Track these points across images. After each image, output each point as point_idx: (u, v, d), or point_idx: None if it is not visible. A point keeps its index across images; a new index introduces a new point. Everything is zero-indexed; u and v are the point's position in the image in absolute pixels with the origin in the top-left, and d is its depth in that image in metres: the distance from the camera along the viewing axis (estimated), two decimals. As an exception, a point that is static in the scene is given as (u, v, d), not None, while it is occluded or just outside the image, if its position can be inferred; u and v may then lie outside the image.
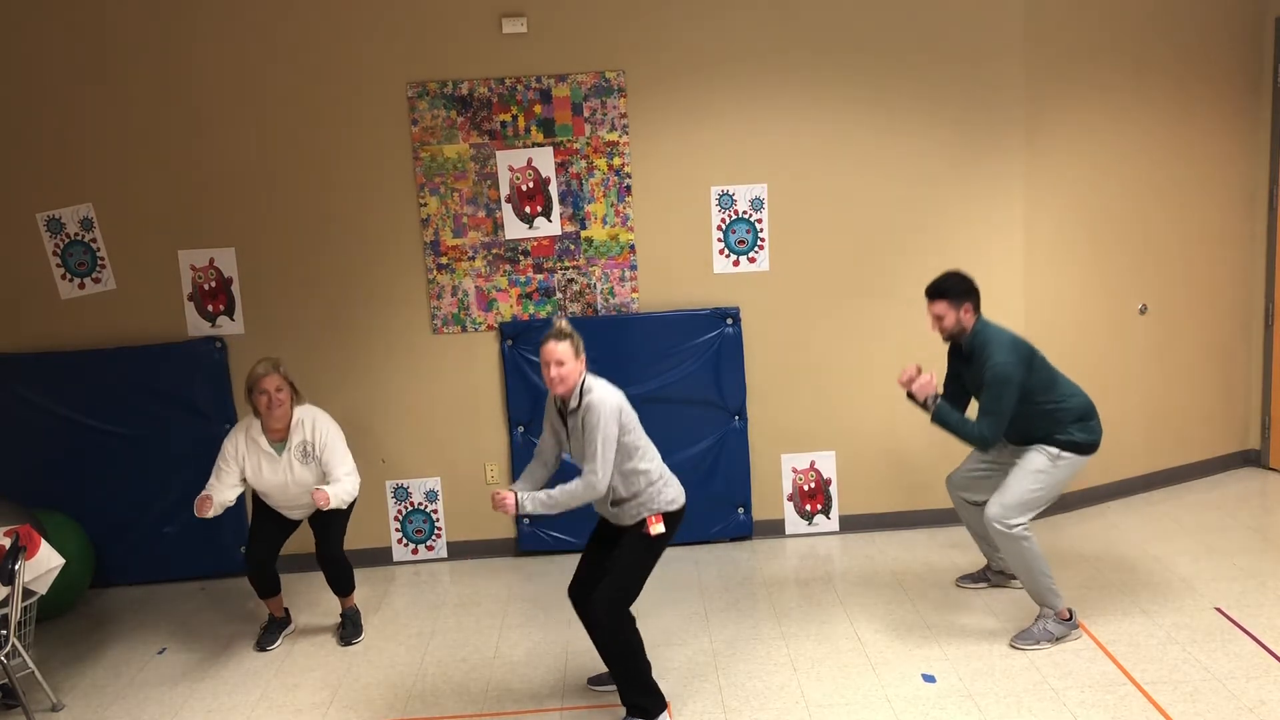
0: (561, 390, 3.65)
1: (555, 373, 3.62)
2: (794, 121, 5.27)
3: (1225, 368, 6.07)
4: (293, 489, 4.50)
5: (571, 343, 3.64)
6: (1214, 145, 5.78)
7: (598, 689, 4.09)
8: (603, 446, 3.60)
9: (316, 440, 4.47)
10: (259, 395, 4.39)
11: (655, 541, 3.74)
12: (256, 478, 4.48)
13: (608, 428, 3.60)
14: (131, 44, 5.11)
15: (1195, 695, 3.77)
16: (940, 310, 4.20)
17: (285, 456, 4.46)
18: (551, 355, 3.62)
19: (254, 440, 4.47)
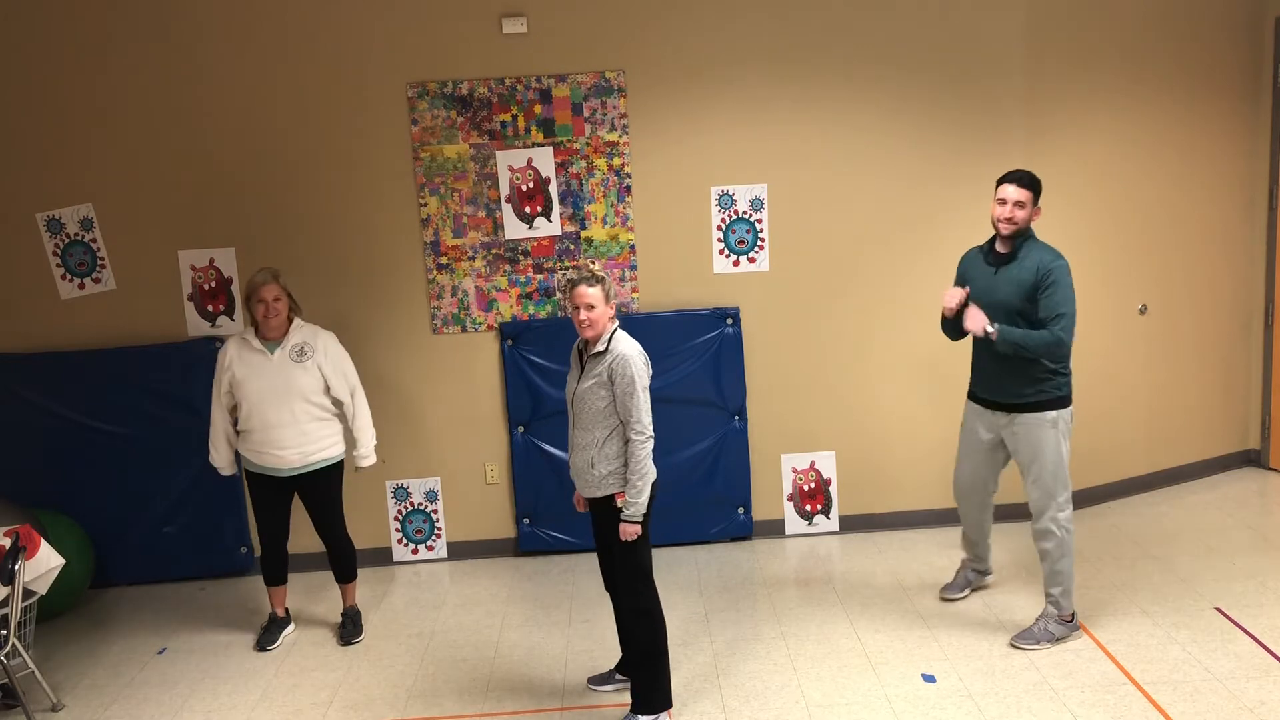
0: (590, 334, 3.65)
1: (585, 316, 3.61)
2: (794, 122, 5.27)
3: (1225, 368, 6.07)
4: (284, 395, 4.37)
5: (603, 288, 3.63)
6: (1214, 145, 5.78)
7: (598, 689, 4.09)
8: (643, 398, 3.63)
9: (318, 346, 4.46)
10: (257, 303, 4.37)
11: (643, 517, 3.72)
12: (245, 381, 4.37)
13: (640, 379, 3.63)
14: (132, 44, 5.11)
15: (1195, 695, 3.77)
16: (1024, 198, 4.04)
17: (278, 354, 4.41)
18: (582, 299, 3.60)
19: (245, 341, 4.44)
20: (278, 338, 4.45)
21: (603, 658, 4.35)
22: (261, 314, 4.38)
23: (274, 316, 4.39)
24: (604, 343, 3.66)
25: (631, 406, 3.61)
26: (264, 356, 4.41)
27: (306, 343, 4.47)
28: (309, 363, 4.44)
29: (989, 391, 4.26)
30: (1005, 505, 5.50)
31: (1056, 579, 4.22)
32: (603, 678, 4.11)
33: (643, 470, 3.63)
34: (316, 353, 4.46)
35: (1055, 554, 4.18)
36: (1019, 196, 4.05)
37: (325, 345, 4.52)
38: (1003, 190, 4.09)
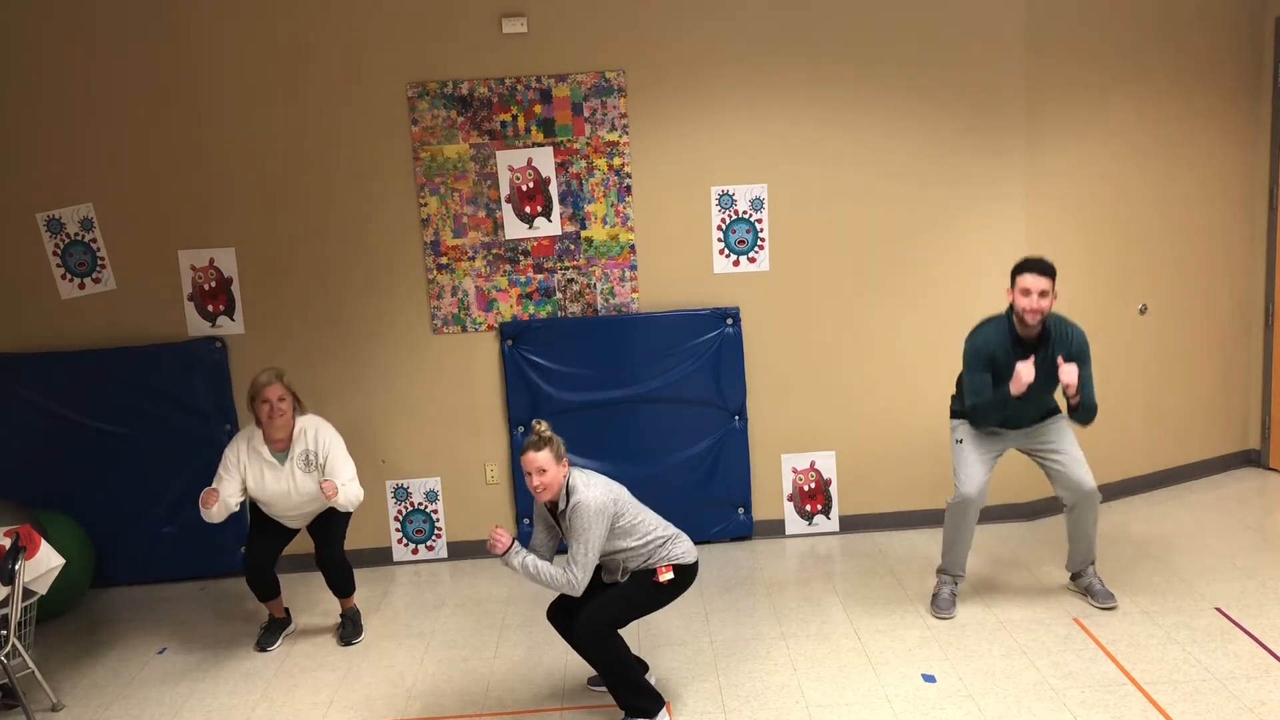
0: (546, 498, 3.67)
1: (537, 481, 3.61)
2: (794, 121, 5.27)
3: (1225, 368, 6.07)
4: (295, 498, 4.49)
5: (551, 448, 3.61)
6: (1214, 145, 5.78)
7: (598, 689, 4.09)
8: (584, 550, 3.60)
9: (319, 449, 4.47)
10: (261, 404, 4.39)
11: (662, 588, 3.75)
12: (259, 487, 4.46)
13: (591, 530, 3.60)
14: (132, 44, 5.11)
15: (1195, 695, 3.77)
16: (1047, 286, 4.10)
17: (288, 466, 4.45)
18: (532, 464, 3.60)
19: (256, 450, 4.46)
20: (284, 442, 4.46)
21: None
22: (266, 414, 4.38)
23: (279, 417, 4.39)
24: (564, 500, 3.66)
25: (578, 549, 3.61)
26: (274, 468, 4.45)
27: (309, 450, 4.46)
28: (315, 472, 4.47)
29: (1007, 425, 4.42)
30: (1005, 505, 5.51)
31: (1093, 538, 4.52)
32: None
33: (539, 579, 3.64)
34: (320, 456, 4.47)
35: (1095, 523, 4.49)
36: (1043, 285, 4.10)
37: (325, 446, 4.48)
38: (1024, 280, 4.13)
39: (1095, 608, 4.49)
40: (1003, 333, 4.27)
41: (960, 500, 4.45)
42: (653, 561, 3.74)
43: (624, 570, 3.80)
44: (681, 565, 3.78)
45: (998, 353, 4.28)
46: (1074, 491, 4.40)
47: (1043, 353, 4.23)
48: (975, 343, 4.33)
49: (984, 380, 4.29)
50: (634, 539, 3.71)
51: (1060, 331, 4.26)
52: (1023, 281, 4.12)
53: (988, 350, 4.29)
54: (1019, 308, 4.16)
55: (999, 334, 4.28)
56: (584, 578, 3.63)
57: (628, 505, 3.73)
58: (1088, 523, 4.46)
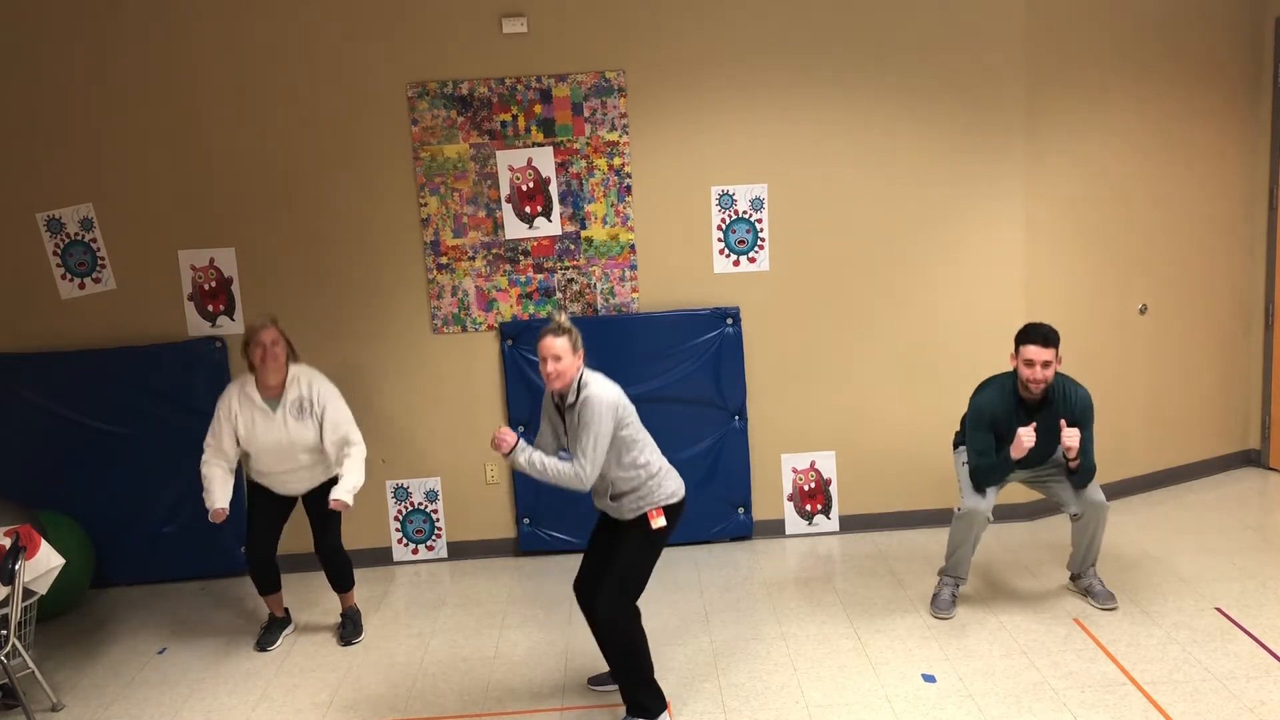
0: (558, 385, 3.64)
1: (552, 368, 3.59)
2: (794, 121, 5.27)
3: (1225, 368, 6.07)
4: (286, 446, 4.41)
5: (569, 338, 3.61)
6: (1214, 145, 5.78)
7: (598, 689, 4.09)
8: (594, 443, 3.58)
9: (314, 398, 4.43)
10: (255, 348, 4.36)
11: (656, 535, 3.73)
12: (250, 436, 4.39)
13: (601, 424, 3.58)
14: (132, 43, 5.11)
15: (1195, 695, 3.77)
16: (1049, 358, 4.18)
17: (280, 413, 4.40)
18: (549, 350, 3.59)
19: (248, 396, 4.41)
20: (276, 389, 4.43)
21: (602, 658, 4.34)
22: (259, 358, 4.36)
23: (272, 360, 4.37)
24: (574, 393, 3.64)
25: (577, 445, 3.59)
26: (266, 415, 4.41)
27: (303, 397, 4.43)
28: (308, 419, 4.43)
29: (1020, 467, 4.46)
30: (1005, 505, 5.51)
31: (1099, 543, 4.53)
32: (603, 678, 4.11)
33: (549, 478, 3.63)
34: (314, 406, 4.44)
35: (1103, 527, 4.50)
36: (1046, 357, 4.17)
37: (321, 396, 4.46)
38: (1027, 351, 4.20)
39: (1095, 608, 4.49)
40: (1006, 395, 4.33)
41: (968, 513, 4.44)
42: (644, 495, 3.70)
43: (614, 493, 3.73)
44: (671, 506, 3.75)
45: (1000, 414, 4.33)
46: (1083, 505, 4.42)
47: (1046, 414, 4.30)
48: (978, 404, 4.38)
49: (987, 441, 4.35)
50: (631, 454, 3.66)
51: (1064, 394, 4.31)
52: (1026, 353, 4.20)
53: (990, 411, 4.34)
54: (1023, 376, 4.24)
55: (1002, 396, 4.34)
56: (592, 471, 3.59)
57: (633, 417, 3.70)
58: (1094, 531, 4.47)
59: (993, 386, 4.40)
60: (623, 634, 3.69)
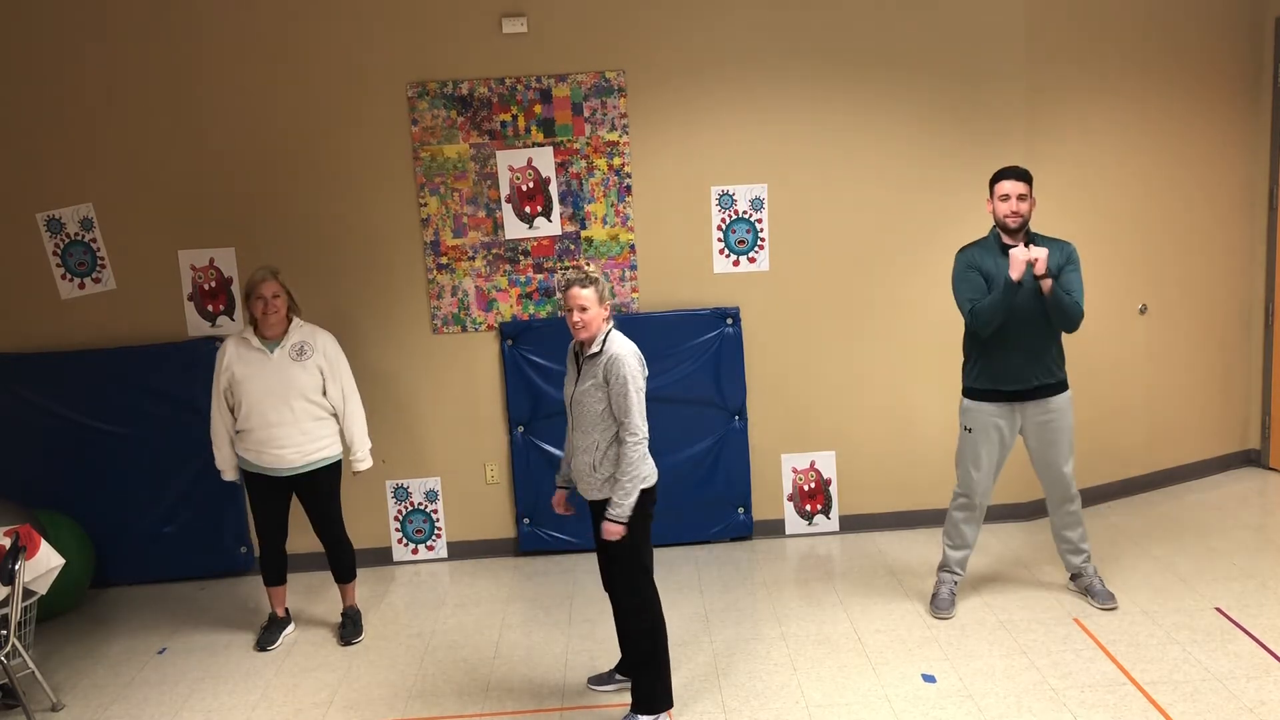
0: (585, 335, 3.62)
1: (578, 318, 3.58)
2: (794, 121, 5.27)
3: (1225, 368, 6.07)
4: (283, 393, 4.36)
5: (596, 288, 3.59)
6: (1214, 145, 5.78)
7: (598, 689, 4.09)
8: (636, 399, 3.58)
9: (318, 346, 4.45)
10: (255, 300, 4.36)
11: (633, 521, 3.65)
12: (245, 375, 4.36)
13: (635, 380, 3.58)
14: (132, 44, 5.11)
15: (1195, 695, 3.77)
16: (1024, 191, 4.16)
17: (278, 354, 4.40)
18: (575, 300, 3.58)
19: (244, 340, 4.42)
20: (277, 336, 4.44)
21: (603, 658, 4.34)
22: (260, 310, 4.37)
23: (272, 314, 4.38)
24: (599, 344, 3.63)
25: (626, 406, 3.57)
26: (263, 355, 4.40)
27: (306, 342, 4.46)
28: (308, 362, 4.43)
29: (1016, 381, 4.32)
30: (1005, 505, 5.51)
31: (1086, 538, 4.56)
32: (603, 678, 4.11)
33: (633, 472, 3.60)
34: (316, 353, 4.46)
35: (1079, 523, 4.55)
36: (1020, 189, 4.18)
37: (324, 345, 4.51)
38: (1002, 187, 4.21)
39: (1096, 608, 4.49)
40: (989, 245, 4.31)
41: (963, 497, 4.46)
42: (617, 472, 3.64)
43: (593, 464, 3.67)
44: (645, 490, 3.68)
45: (987, 263, 4.27)
46: (1052, 484, 4.43)
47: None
48: (964, 256, 4.36)
49: (977, 283, 4.26)
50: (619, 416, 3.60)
51: (1050, 241, 4.29)
52: (1000, 188, 4.20)
53: (977, 261, 4.30)
54: (999, 214, 4.22)
55: (985, 247, 4.32)
56: (643, 425, 3.60)
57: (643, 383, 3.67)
58: (1066, 521, 4.50)
59: (974, 244, 4.36)
60: (645, 622, 3.69)
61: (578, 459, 3.76)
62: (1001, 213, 4.21)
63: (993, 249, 4.28)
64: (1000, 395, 4.35)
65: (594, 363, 3.63)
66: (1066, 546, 4.58)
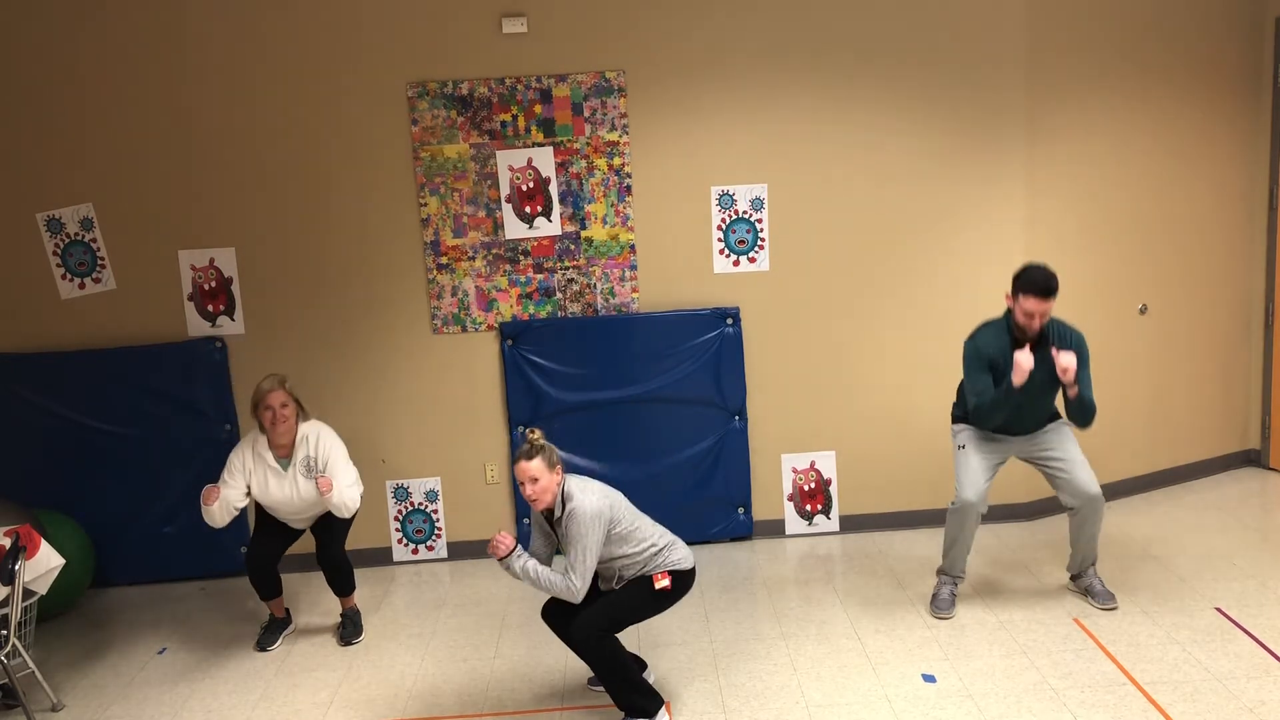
0: (540, 507, 3.67)
1: (530, 490, 3.61)
2: (794, 121, 5.27)
3: (1225, 368, 6.07)
4: (298, 504, 4.51)
5: (544, 457, 3.62)
6: (1214, 145, 5.78)
7: (598, 689, 4.09)
8: (583, 556, 3.60)
9: (320, 455, 4.49)
10: (264, 411, 4.40)
11: (659, 595, 3.73)
12: (263, 493, 4.49)
13: (589, 536, 3.60)
14: (132, 44, 5.11)
15: (1195, 695, 3.77)
16: (1049, 309, 4.17)
17: (290, 472, 4.48)
18: (525, 474, 3.60)
19: (260, 456, 4.48)
20: (287, 448, 4.48)
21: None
22: (269, 421, 4.40)
23: (281, 423, 4.41)
24: (559, 508, 3.67)
25: (575, 556, 3.60)
26: (278, 474, 4.47)
27: (310, 456, 4.48)
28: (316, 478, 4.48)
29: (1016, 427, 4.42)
30: (1005, 506, 5.51)
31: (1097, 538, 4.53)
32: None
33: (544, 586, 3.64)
34: (320, 462, 4.49)
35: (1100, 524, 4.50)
36: (1045, 309, 4.16)
37: (326, 451, 4.50)
38: (1027, 304, 4.16)
39: (1096, 608, 4.49)
40: (1001, 335, 4.31)
41: (961, 505, 4.45)
42: (649, 569, 3.73)
43: (619, 578, 3.78)
44: (679, 571, 3.77)
45: (996, 354, 4.30)
46: (1078, 496, 4.41)
47: (1041, 352, 4.25)
48: (974, 343, 4.36)
49: (985, 380, 4.31)
50: (630, 546, 3.70)
51: (1059, 333, 4.30)
52: (1026, 304, 4.17)
53: (987, 352, 4.32)
54: (1018, 320, 4.23)
55: (997, 336, 4.32)
56: (583, 585, 3.62)
57: (624, 512, 3.72)
58: (1092, 526, 4.46)
59: (988, 328, 4.38)
60: (597, 651, 3.69)
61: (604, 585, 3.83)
62: (1020, 321, 4.22)
63: (1004, 336, 4.31)
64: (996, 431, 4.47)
65: (563, 524, 3.67)
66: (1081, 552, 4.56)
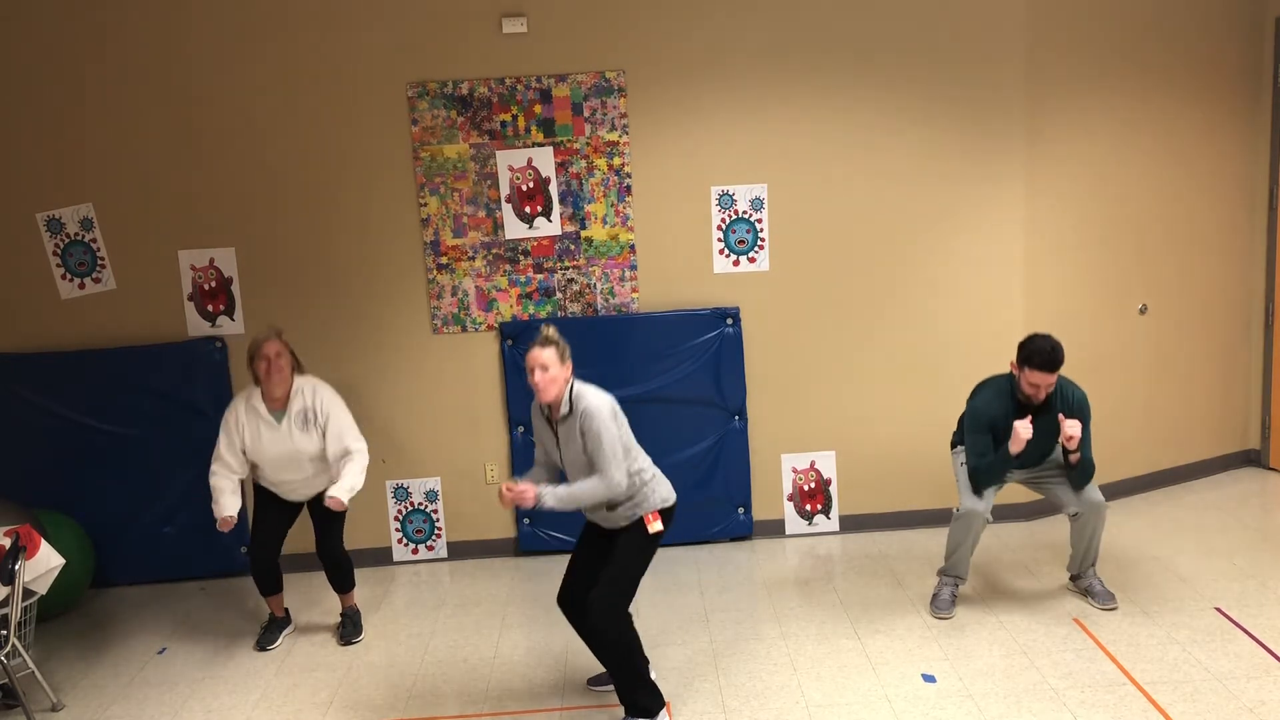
0: (545, 398, 3.63)
1: (540, 378, 3.59)
2: (794, 121, 5.27)
3: (1225, 368, 6.07)
4: (293, 459, 4.45)
5: (557, 349, 3.60)
6: (1214, 145, 5.78)
7: (598, 689, 4.09)
8: (611, 448, 3.59)
9: (318, 407, 4.46)
10: (260, 361, 4.39)
11: (652, 540, 3.74)
12: (256, 447, 4.44)
13: (609, 428, 3.59)
14: (132, 44, 5.11)
15: (1195, 695, 3.78)
16: (1053, 382, 4.23)
17: (285, 424, 4.43)
18: (535, 360, 3.59)
19: (254, 409, 4.45)
20: (281, 400, 4.45)
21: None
22: (264, 370, 4.38)
23: (276, 374, 4.39)
24: (566, 404, 3.64)
25: (602, 460, 3.59)
26: (272, 426, 4.44)
27: (308, 408, 4.46)
28: (313, 430, 4.45)
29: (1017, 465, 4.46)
30: (1005, 506, 5.51)
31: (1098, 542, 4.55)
32: (601, 678, 4.11)
33: (582, 500, 3.61)
34: (318, 417, 4.46)
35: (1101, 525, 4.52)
36: (1049, 381, 4.22)
37: (325, 405, 4.48)
38: (1032, 377, 4.23)
39: (1096, 608, 4.50)
40: (1003, 397, 4.36)
41: (966, 513, 4.45)
42: (637, 501, 3.71)
43: (610, 503, 3.71)
44: (666, 509, 3.78)
45: (998, 416, 4.35)
46: (1081, 503, 4.43)
47: (1043, 413, 4.32)
48: (976, 406, 4.41)
49: (985, 442, 4.37)
50: (630, 461, 3.68)
51: (1061, 393, 4.33)
52: (1030, 377, 4.22)
53: (989, 414, 4.37)
54: (1023, 389, 4.28)
55: (1000, 398, 4.37)
56: (619, 475, 3.59)
57: (626, 425, 3.73)
58: (1093, 531, 4.47)
59: (990, 388, 4.42)
60: (616, 638, 3.69)
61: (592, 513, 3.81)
62: (1026, 392, 4.27)
63: (1007, 404, 4.35)
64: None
65: (568, 424, 3.65)
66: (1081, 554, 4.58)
